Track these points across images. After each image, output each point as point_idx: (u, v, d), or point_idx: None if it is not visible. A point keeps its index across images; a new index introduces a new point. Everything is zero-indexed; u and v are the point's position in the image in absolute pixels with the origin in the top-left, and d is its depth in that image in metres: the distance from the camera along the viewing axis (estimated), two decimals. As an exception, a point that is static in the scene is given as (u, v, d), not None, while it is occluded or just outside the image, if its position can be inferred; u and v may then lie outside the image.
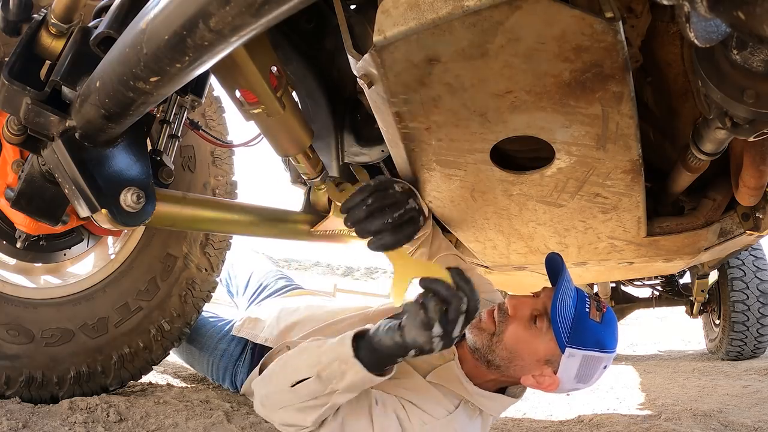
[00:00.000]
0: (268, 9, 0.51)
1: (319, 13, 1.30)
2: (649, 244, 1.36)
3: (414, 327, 0.90)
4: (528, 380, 1.19)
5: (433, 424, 1.16)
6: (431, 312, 0.89)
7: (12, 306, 1.19)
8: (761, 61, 0.63)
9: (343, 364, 1.00)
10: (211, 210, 1.26)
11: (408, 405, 1.17)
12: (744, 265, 3.65)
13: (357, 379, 1.00)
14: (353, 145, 1.43)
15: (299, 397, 1.06)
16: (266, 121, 1.03)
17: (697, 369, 3.61)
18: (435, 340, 0.90)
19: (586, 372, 1.17)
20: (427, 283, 0.92)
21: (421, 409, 1.17)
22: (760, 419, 2.03)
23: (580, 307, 1.15)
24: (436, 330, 0.89)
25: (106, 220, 0.94)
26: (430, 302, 0.90)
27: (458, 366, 1.23)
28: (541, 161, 1.08)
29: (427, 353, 0.92)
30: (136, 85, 0.71)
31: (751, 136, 0.77)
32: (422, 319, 0.89)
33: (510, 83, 0.85)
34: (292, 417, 1.10)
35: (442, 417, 1.18)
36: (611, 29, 0.72)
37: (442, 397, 1.22)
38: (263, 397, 1.15)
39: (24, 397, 1.17)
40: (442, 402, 1.21)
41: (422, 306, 0.90)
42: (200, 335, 1.68)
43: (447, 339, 0.91)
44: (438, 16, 0.74)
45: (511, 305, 1.20)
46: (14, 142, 0.97)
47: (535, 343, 1.16)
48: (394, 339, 0.93)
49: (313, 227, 1.50)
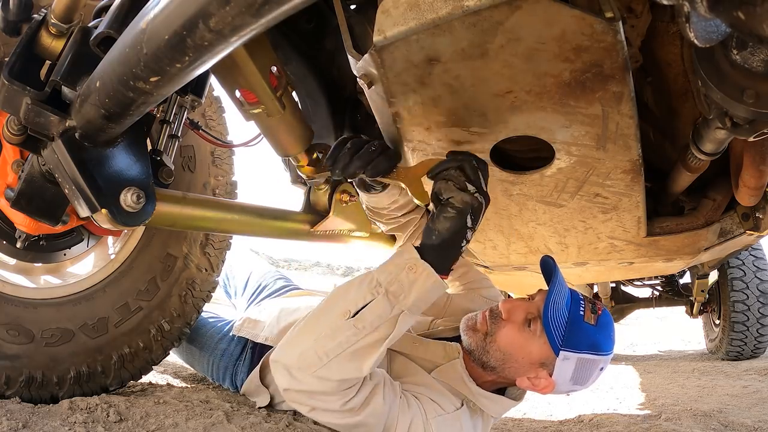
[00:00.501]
0: (268, 9, 0.51)
1: (319, 13, 1.30)
2: (649, 244, 1.36)
3: (455, 192, 0.95)
4: (523, 382, 1.20)
5: (445, 416, 1.17)
6: (457, 177, 0.95)
7: (12, 306, 1.19)
8: (761, 61, 0.63)
9: (411, 272, 0.97)
10: (211, 210, 1.26)
11: (421, 397, 1.19)
12: (744, 265, 3.65)
13: (427, 285, 0.97)
14: (353, 145, 1.43)
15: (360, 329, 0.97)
16: (266, 121, 1.03)
17: (697, 369, 3.61)
18: (477, 196, 0.95)
19: (581, 374, 1.17)
20: (436, 168, 0.99)
21: (434, 401, 1.18)
22: (760, 419, 2.03)
23: (574, 310, 1.15)
24: (470, 188, 0.95)
25: (106, 220, 0.94)
26: (450, 172, 0.96)
27: (462, 365, 1.24)
28: (541, 161, 1.08)
29: (478, 214, 0.97)
30: (136, 85, 0.71)
31: (751, 136, 0.77)
32: (455, 185, 0.95)
33: (510, 83, 0.85)
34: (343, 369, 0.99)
35: (451, 411, 1.19)
36: (611, 29, 0.72)
37: (446, 395, 1.23)
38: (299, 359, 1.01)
39: (24, 397, 1.17)
40: (449, 397, 1.22)
41: (446, 178, 0.96)
42: (200, 335, 1.68)
43: (483, 192, 0.97)
44: (438, 16, 0.74)
45: (505, 309, 1.21)
46: (14, 142, 0.97)
47: (528, 346, 1.17)
48: (449, 215, 0.96)
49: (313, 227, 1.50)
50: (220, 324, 1.72)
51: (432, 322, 1.41)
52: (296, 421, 1.32)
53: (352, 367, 1.00)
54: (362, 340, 0.98)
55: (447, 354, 1.27)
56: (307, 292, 1.98)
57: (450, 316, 1.41)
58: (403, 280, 0.98)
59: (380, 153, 1.00)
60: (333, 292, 1.09)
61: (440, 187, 0.97)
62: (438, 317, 1.42)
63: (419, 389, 1.21)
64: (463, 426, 1.19)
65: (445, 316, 1.42)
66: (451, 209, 0.96)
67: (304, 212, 1.57)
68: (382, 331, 0.98)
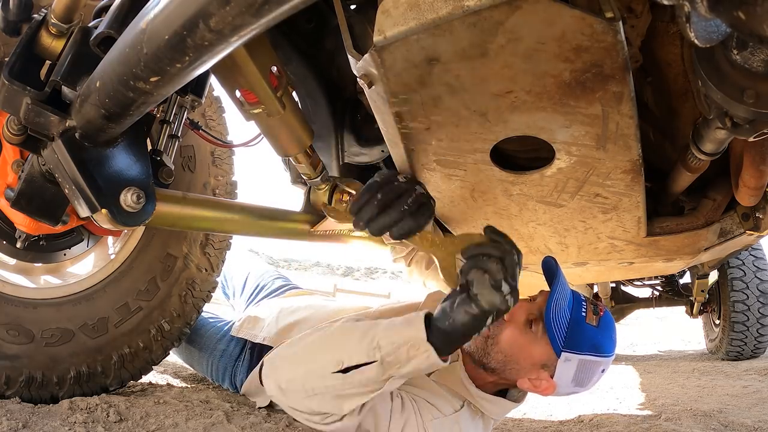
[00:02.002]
0: (268, 9, 0.51)
1: (319, 13, 1.30)
2: (649, 244, 1.36)
3: (487, 291, 0.88)
4: (524, 383, 1.20)
5: (442, 420, 1.17)
6: (495, 273, 0.88)
7: (12, 306, 1.19)
8: (761, 61, 0.63)
9: (413, 349, 0.95)
10: (211, 210, 1.26)
11: (418, 400, 1.18)
12: (744, 265, 3.66)
13: (424, 365, 0.95)
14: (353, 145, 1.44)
15: (348, 384, 0.99)
16: (266, 121, 1.03)
17: (697, 369, 3.61)
18: (508, 298, 0.89)
19: (583, 376, 1.17)
20: (475, 250, 0.92)
21: (431, 404, 1.18)
22: (760, 419, 2.03)
23: (576, 311, 1.15)
24: (505, 288, 0.89)
25: (106, 220, 0.94)
26: (489, 264, 0.89)
27: (462, 368, 1.23)
28: (541, 161, 1.08)
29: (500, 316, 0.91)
30: (136, 85, 0.71)
31: (751, 136, 0.77)
32: (491, 282, 0.88)
33: (510, 83, 0.85)
34: (324, 405, 1.02)
35: (449, 414, 1.19)
36: (611, 29, 0.72)
37: (446, 397, 1.22)
38: (287, 382, 1.06)
39: (24, 397, 1.17)
40: (448, 400, 1.22)
41: (485, 270, 0.89)
42: (200, 335, 1.68)
43: (515, 292, 0.91)
44: (438, 16, 0.74)
45: None
46: (14, 142, 0.97)
47: (530, 347, 1.17)
48: (470, 311, 0.90)
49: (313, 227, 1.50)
50: (220, 324, 1.72)
51: None
52: (296, 421, 1.32)
53: (334, 405, 1.02)
54: (347, 391, 1.00)
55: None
56: (305, 292, 1.98)
57: None
58: (401, 354, 0.96)
59: (412, 213, 0.92)
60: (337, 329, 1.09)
61: (474, 277, 0.89)
62: None
63: (417, 392, 1.21)
64: (462, 429, 1.19)
65: None
66: (475, 306, 0.89)
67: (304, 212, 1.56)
68: (369, 388, 1.00)
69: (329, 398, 1.01)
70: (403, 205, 0.93)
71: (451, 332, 0.93)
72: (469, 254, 0.92)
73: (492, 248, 0.91)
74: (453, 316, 0.92)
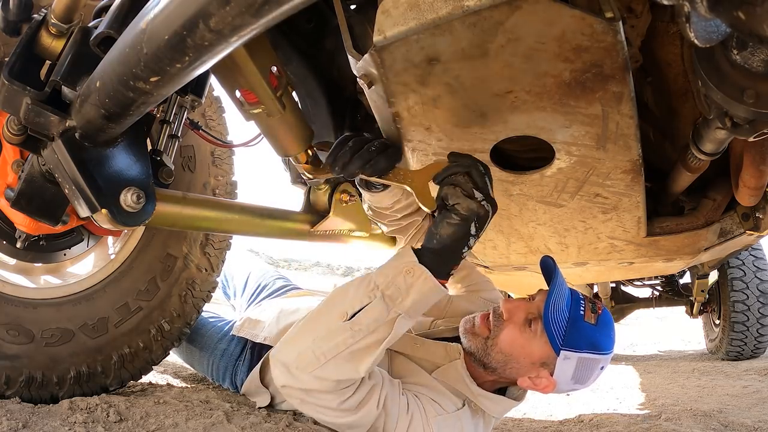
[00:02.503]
0: (268, 9, 0.51)
1: (319, 13, 1.30)
2: (649, 244, 1.36)
3: (461, 199, 0.94)
4: (524, 382, 1.21)
5: (445, 417, 1.17)
6: (464, 183, 0.95)
7: (12, 306, 1.19)
8: (761, 61, 0.63)
9: (409, 276, 0.97)
10: (211, 210, 1.26)
11: (421, 397, 1.18)
12: (744, 265, 3.65)
13: (424, 289, 0.97)
14: (353, 145, 1.43)
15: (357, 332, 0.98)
16: (266, 121, 1.03)
17: (697, 369, 3.61)
18: (484, 203, 0.95)
19: (582, 373, 1.18)
20: (443, 173, 0.97)
21: (434, 401, 1.18)
22: (760, 419, 2.03)
23: (575, 310, 1.15)
24: (478, 195, 0.94)
25: (106, 220, 0.94)
26: (457, 178, 0.95)
27: (463, 366, 1.24)
28: (541, 161, 1.08)
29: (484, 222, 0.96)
30: (136, 85, 0.71)
31: (751, 136, 0.77)
32: (462, 192, 0.94)
33: (510, 83, 0.85)
34: (339, 370, 1.00)
35: (452, 411, 1.19)
36: (611, 29, 0.72)
37: (449, 394, 1.23)
38: (297, 358, 1.02)
39: (24, 397, 1.17)
40: (450, 397, 1.22)
41: (455, 185, 0.95)
42: (200, 335, 1.68)
43: (490, 199, 0.96)
44: (438, 16, 0.74)
45: (506, 309, 1.21)
46: (14, 142, 0.97)
47: (529, 346, 1.17)
48: (452, 222, 0.95)
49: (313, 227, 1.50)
50: (220, 324, 1.72)
51: (432, 323, 1.42)
52: (296, 422, 1.32)
53: (350, 368, 1.00)
54: (359, 342, 0.98)
55: (448, 354, 1.27)
56: (306, 292, 1.98)
57: (451, 317, 1.41)
58: (400, 284, 0.97)
59: (380, 152, 0.99)
60: (332, 294, 1.10)
61: (447, 192, 0.96)
62: (439, 318, 1.42)
63: (420, 389, 1.21)
64: (464, 426, 1.19)
65: (445, 316, 1.42)
66: (455, 215, 0.95)
67: (304, 212, 1.56)
68: (379, 333, 0.98)
69: (342, 360, 0.99)
70: (372, 147, 0.99)
71: (440, 249, 0.97)
72: (439, 178, 0.98)
73: (457, 165, 0.96)
74: (438, 232, 0.97)
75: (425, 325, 1.41)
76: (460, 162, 0.97)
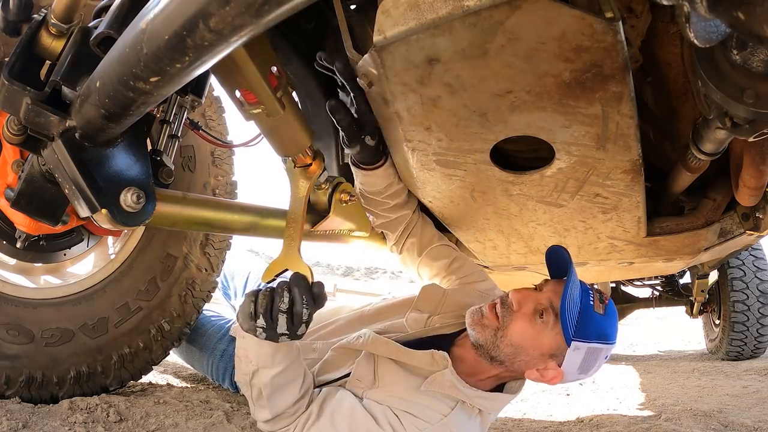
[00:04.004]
0: (268, 9, 0.51)
1: (319, 13, 1.30)
2: (649, 244, 1.36)
3: (242, 314, 1.01)
4: (532, 374, 1.20)
5: (428, 430, 1.15)
6: (259, 305, 0.99)
7: (12, 306, 1.19)
8: (761, 61, 0.63)
9: (241, 348, 1.13)
10: (211, 210, 1.26)
11: (400, 413, 1.16)
12: (744, 265, 3.66)
13: (254, 346, 1.10)
14: (353, 145, 1.43)
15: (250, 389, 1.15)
16: (266, 121, 1.03)
17: (697, 369, 3.61)
18: (258, 330, 0.99)
19: (588, 363, 1.18)
20: (273, 280, 1.04)
21: (414, 416, 1.16)
22: (760, 419, 2.03)
23: (585, 300, 1.15)
24: (259, 322, 0.98)
25: (106, 220, 0.94)
26: (260, 296, 1.00)
27: (452, 373, 1.20)
28: (541, 161, 1.08)
29: (271, 339, 1.00)
30: (136, 85, 0.71)
31: (751, 136, 0.77)
32: (247, 310, 1.00)
33: (510, 83, 0.85)
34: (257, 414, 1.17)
35: (436, 422, 1.16)
36: (611, 29, 0.72)
37: (435, 401, 1.20)
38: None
39: (24, 397, 1.17)
40: (435, 407, 1.19)
41: (253, 298, 1.00)
42: (200, 335, 1.68)
43: (271, 333, 0.99)
44: (438, 16, 0.74)
45: (516, 300, 1.19)
46: (14, 142, 0.96)
47: (540, 338, 1.16)
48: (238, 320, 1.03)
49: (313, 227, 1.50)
50: (220, 324, 1.72)
51: (428, 319, 1.38)
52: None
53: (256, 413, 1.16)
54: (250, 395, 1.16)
55: (435, 363, 1.22)
56: (306, 292, 1.98)
57: (446, 312, 1.39)
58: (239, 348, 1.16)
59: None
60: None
61: (244, 299, 1.02)
62: (434, 314, 1.39)
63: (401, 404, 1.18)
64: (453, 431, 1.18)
65: (441, 312, 1.40)
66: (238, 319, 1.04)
67: (304, 212, 1.56)
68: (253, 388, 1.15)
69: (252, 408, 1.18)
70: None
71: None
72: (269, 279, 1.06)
73: (278, 286, 1.01)
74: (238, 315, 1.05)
75: (421, 323, 1.37)
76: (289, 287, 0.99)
